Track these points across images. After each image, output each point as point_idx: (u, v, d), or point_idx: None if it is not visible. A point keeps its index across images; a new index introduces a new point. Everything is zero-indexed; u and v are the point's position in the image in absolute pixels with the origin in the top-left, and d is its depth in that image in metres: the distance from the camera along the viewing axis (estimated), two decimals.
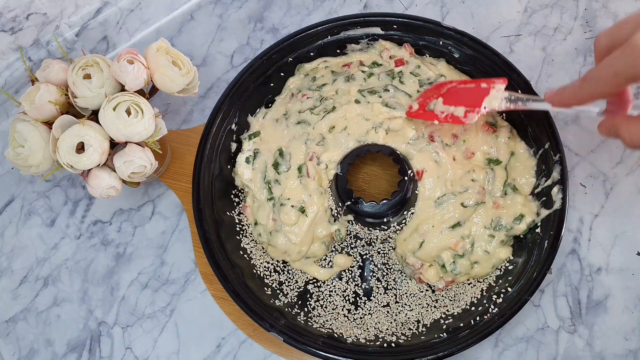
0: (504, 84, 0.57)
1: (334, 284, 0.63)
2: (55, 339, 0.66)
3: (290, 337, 0.57)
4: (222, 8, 0.78)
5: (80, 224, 0.70)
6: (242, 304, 0.58)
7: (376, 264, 0.63)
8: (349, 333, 0.60)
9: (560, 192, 0.58)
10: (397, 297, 0.62)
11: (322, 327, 0.60)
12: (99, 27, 0.72)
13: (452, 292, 0.61)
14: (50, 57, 0.70)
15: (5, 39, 0.67)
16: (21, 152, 0.57)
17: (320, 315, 0.61)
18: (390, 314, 0.61)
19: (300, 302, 0.62)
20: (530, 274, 0.58)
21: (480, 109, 0.56)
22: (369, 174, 0.67)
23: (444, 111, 0.59)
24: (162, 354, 0.64)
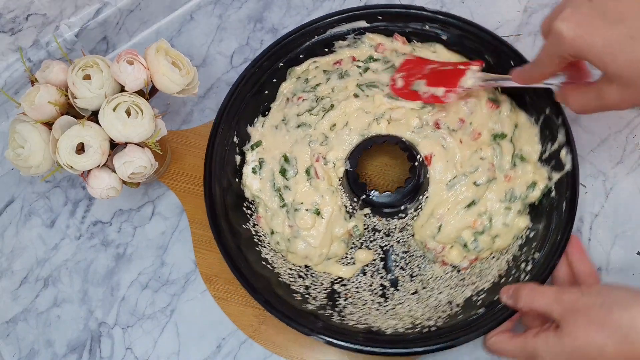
0: (479, 65, 0.61)
1: (359, 280, 0.63)
2: (56, 339, 0.66)
3: (331, 337, 0.56)
4: (221, 8, 0.78)
5: (80, 225, 0.70)
6: (278, 313, 0.57)
7: (397, 253, 0.63)
8: (385, 325, 0.59)
9: (568, 154, 0.59)
10: (423, 282, 0.62)
11: (358, 324, 0.59)
12: (99, 28, 0.72)
13: (478, 268, 0.61)
14: (50, 57, 0.70)
15: (5, 40, 0.67)
16: (21, 153, 0.57)
17: (352, 313, 0.60)
18: (420, 300, 0.61)
19: (330, 302, 0.61)
20: (553, 238, 0.58)
21: (457, 88, 0.60)
22: (379, 165, 0.68)
23: (426, 92, 0.63)
24: (162, 355, 0.64)
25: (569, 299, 0.48)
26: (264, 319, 0.64)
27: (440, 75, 0.63)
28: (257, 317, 0.64)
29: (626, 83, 0.45)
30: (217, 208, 0.61)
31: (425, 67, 0.64)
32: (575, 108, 0.51)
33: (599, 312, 0.45)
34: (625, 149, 0.67)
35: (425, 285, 0.62)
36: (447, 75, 0.62)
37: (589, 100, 0.49)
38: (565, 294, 0.48)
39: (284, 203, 0.63)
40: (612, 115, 0.68)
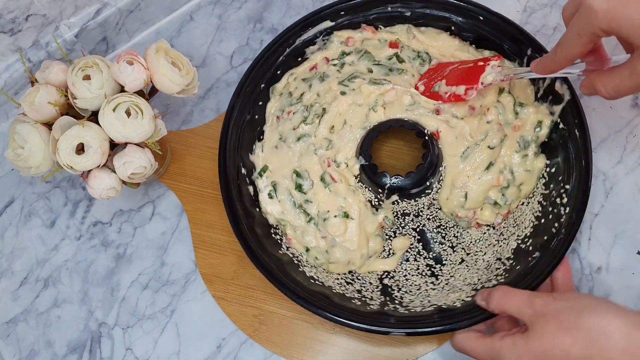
0: (498, 60, 0.61)
1: (405, 268, 0.62)
2: (56, 340, 0.66)
3: (409, 328, 0.56)
4: (221, 9, 0.78)
5: (81, 225, 0.70)
6: (355, 324, 0.56)
7: (431, 230, 0.63)
8: (450, 300, 0.58)
9: (563, 84, 0.61)
10: (465, 249, 0.62)
11: (425, 308, 0.59)
12: (99, 28, 0.72)
13: (512, 219, 0.63)
14: (50, 58, 0.70)
15: (5, 40, 0.67)
16: (21, 154, 0.57)
17: (413, 300, 0.60)
18: (470, 266, 0.61)
19: (387, 297, 0.60)
20: (578, 166, 0.59)
21: (478, 85, 0.61)
22: (390, 150, 0.68)
23: (447, 92, 0.63)
24: (162, 355, 0.64)
25: (539, 302, 0.48)
26: (264, 319, 0.64)
27: (459, 74, 0.63)
28: (257, 317, 0.64)
29: None
30: (253, 246, 0.60)
31: (445, 69, 0.65)
32: (608, 92, 0.48)
33: (568, 316, 0.45)
34: (625, 149, 0.67)
35: (468, 251, 0.63)
36: (466, 73, 0.63)
37: (622, 80, 0.47)
38: (536, 297, 0.48)
39: (310, 217, 0.63)
40: (612, 115, 0.68)
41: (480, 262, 0.62)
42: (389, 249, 0.63)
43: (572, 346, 0.44)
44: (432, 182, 0.63)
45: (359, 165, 0.63)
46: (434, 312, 0.57)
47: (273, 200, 0.64)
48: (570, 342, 0.44)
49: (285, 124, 0.66)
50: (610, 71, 0.48)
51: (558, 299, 0.47)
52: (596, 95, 0.50)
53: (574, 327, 0.45)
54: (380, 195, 0.62)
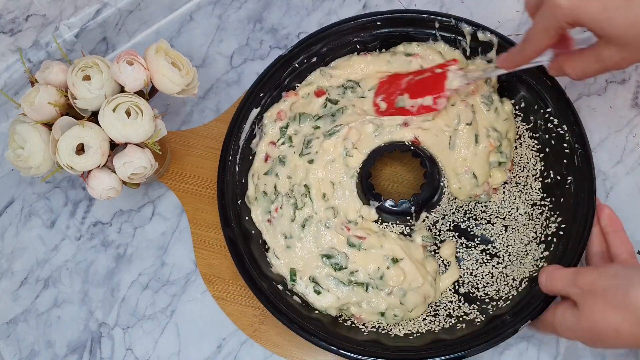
0: (456, 64, 0.62)
1: (465, 268, 0.62)
2: (56, 340, 0.66)
3: (529, 313, 0.55)
4: (221, 9, 0.78)
5: (81, 225, 0.70)
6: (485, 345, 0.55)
7: (462, 220, 0.63)
8: (529, 269, 0.60)
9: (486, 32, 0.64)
10: (500, 216, 0.63)
11: (513, 288, 0.59)
12: (99, 28, 0.72)
13: (518, 167, 0.65)
14: (50, 58, 0.70)
15: (5, 41, 0.67)
16: (21, 154, 0.57)
17: (497, 289, 0.60)
18: (516, 227, 0.62)
19: (475, 303, 0.60)
20: (545, 86, 0.62)
21: (445, 92, 0.61)
22: (389, 177, 0.68)
23: (414, 105, 0.63)
24: (162, 355, 0.64)
25: (585, 280, 0.48)
26: (264, 319, 0.64)
27: (421, 85, 0.63)
28: (257, 317, 0.64)
29: (625, 43, 0.47)
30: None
31: (401, 82, 0.65)
32: (576, 74, 0.52)
33: (616, 294, 0.46)
34: (625, 149, 0.67)
35: (502, 216, 0.63)
36: (428, 83, 0.63)
37: (588, 64, 0.50)
38: (581, 275, 0.49)
39: (365, 285, 0.60)
40: (611, 115, 0.68)
41: (521, 218, 0.63)
42: (442, 261, 0.62)
43: (621, 324, 0.45)
44: (441, 181, 0.63)
45: (374, 209, 0.62)
46: (526, 282, 0.59)
47: (323, 294, 0.60)
48: (619, 321, 0.45)
49: (281, 221, 0.62)
50: (577, 55, 0.51)
51: (605, 275, 0.48)
52: (565, 76, 0.53)
53: (622, 305, 0.45)
54: (410, 222, 0.62)
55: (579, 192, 0.59)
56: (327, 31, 0.66)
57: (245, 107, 0.65)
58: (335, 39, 0.67)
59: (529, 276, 0.59)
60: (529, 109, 0.64)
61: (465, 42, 0.65)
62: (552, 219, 0.61)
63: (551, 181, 0.62)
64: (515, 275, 0.60)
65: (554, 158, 0.63)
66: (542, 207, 0.62)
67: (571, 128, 0.61)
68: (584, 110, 0.68)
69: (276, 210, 0.63)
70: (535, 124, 0.64)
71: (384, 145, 0.63)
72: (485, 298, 0.60)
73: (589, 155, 0.60)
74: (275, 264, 0.62)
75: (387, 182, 0.67)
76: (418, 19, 0.66)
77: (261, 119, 0.66)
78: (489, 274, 0.61)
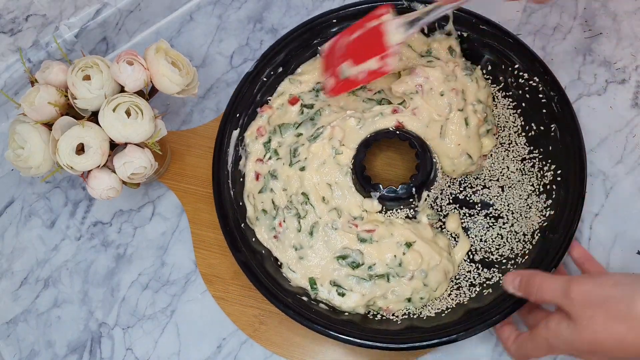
0: (389, 12, 0.55)
1: (475, 235, 0.63)
2: (56, 340, 0.66)
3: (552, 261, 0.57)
4: (221, 9, 0.78)
5: (81, 225, 0.70)
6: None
7: (459, 191, 0.64)
8: (533, 220, 0.61)
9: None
10: (494, 178, 0.64)
11: (529, 242, 0.60)
12: (99, 28, 0.72)
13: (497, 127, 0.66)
14: (50, 58, 0.70)
15: (5, 41, 0.67)
16: (21, 154, 0.57)
17: (511, 248, 0.61)
18: (511, 185, 0.64)
19: (493, 266, 0.61)
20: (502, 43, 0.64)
21: (390, 50, 0.54)
22: (383, 164, 0.68)
23: (360, 71, 0.57)
24: (162, 355, 0.64)
25: (579, 290, 0.46)
26: (264, 319, 0.64)
27: (359, 46, 0.56)
28: (257, 317, 0.64)
29: None
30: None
31: (339, 49, 0.59)
32: None
33: (619, 305, 0.44)
34: (625, 149, 0.67)
35: (496, 178, 0.64)
36: (366, 43, 0.56)
37: None
38: (574, 285, 0.46)
39: (386, 276, 0.59)
40: (611, 115, 0.68)
41: (514, 175, 0.64)
42: (451, 235, 0.63)
43: (626, 336, 0.43)
44: (432, 158, 0.63)
45: (376, 200, 0.62)
46: (539, 234, 0.60)
47: (347, 295, 0.60)
48: (624, 332, 0.44)
49: (287, 234, 0.62)
50: None
51: (602, 284, 0.46)
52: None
53: (626, 315, 0.44)
54: (414, 204, 0.62)
55: (565, 135, 0.61)
56: (285, 40, 0.67)
57: (226, 131, 0.65)
58: (295, 46, 0.67)
59: (539, 227, 0.60)
60: (497, 70, 0.66)
61: None
62: (546, 169, 0.62)
63: (535, 133, 0.64)
64: (525, 230, 0.61)
65: (532, 110, 0.64)
66: (532, 160, 0.64)
67: (542, 78, 0.63)
68: (583, 110, 0.68)
69: (280, 225, 0.63)
70: (506, 83, 0.66)
71: (370, 135, 0.63)
72: (502, 259, 0.61)
73: (566, 99, 0.61)
74: (292, 277, 0.62)
75: (383, 171, 0.68)
76: (370, 10, 0.65)
77: (243, 139, 0.66)
78: (498, 235, 0.62)
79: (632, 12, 0.72)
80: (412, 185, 0.61)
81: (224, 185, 0.63)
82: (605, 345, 0.45)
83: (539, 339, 0.49)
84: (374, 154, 0.68)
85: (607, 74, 0.70)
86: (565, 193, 0.60)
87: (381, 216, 0.62)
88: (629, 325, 0.43)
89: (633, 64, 0.70)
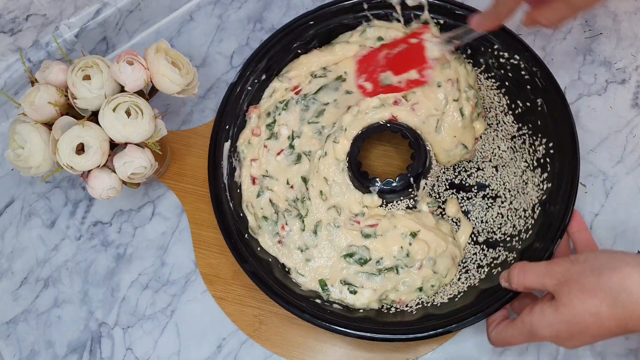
0: (428, 31, 0.63)
1: (475, 217, 0.63)
2: (56, 340, 0.66)
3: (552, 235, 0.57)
4: (221, 8, 0.78)
5: (81, 225, 0.70)
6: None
7: (454, 176, 0.65)
8: (530, 196, 0.61)
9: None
10: (486, 159, 0.65)
11: (530, 217, 0.61)
12: (99, 28, 0.72)
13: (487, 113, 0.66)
14: (50, 58, 0.70)
15: (5, 40, 0.67)
16: (21, 154, 0.57)
17: (514, 224, 0.61)
18: (505, 164, 0.64)
19: (498, 245, 0.61)
20: None
21: (428, 63, 0.61)
22: (379, 157, 0.68)
23: (400, 80, 0.63)
24: (162, 355, 0.64)
25: (559, 269, 0.48)
26: (264, 319, 0.64)
27: (401, 59, 0.63)
28: (257, 317, 0.64)
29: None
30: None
31: (377, 59, 0.65)
32: (550, 21, 0.52)
33: (589, 278, 0.45)
34: (625, 149, 0.67)
35: (488, 159, 0.65)
36: (407, 56, 0.63)
37: (560, 11, 0.50)
38: (555, 265, 0.48)
39: (395, 268, 0.60)
40: (611, 115, 0.68)
41: (506, 154, 0.64)
42: (453, 220, 0.63)
43: (599, 307, 0.44)
44: (426, 146, 0.63)
45: (376, 194, 0.62)
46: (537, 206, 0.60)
47: (359, 292, 0.60)
48: (597, 304, 0.44)
49: (291, 236, 0.62)
50: (547, 5, 0.51)
51: (576, 262, 0.47)
52: (538, 26, 0.53)
53: (596, 288, 0.45)
54: (413, 193, 0.62)
55: (552, 108, 0.61)
56: (266, 46, 0.66)
57: (216, 144, 0.64)
58: (277, 51, 0.67)
59: (539, 201, 0.60)
60: (476, 52, 0.66)
61: (397, 12, 0.66)
62: (537, 143, 0.62)
63: (521, 110, 0.64)
64: (525, 206, 0.61)
65: (516, 88, 0.64)
66: (522, 137, 0.64)
67: (522, 55, 0.63)
68: (583, 110, 0.68)
69: (282, 228, 0.63)
70: (487, 64, 0.66)
71: (362, 131, 0.63)
72: (506, 237, 0.61)
73: (548, 72, 0.61)
74: (302, 282, 0.61)
75: (379, 165, 0.68)
76: (346, 7, 0.66)
77: (235, 150, 0.66)
78: (499, 214, 0.63)
79: (632, 12, 0.72)
80: (409, 175, 0.62)
81: (223, 198, 0.63)
82: (583, 323, 0.45)
83: (519, 324, 0.50)
84: (367, 150, 0.68)
85: (607, 74, 0.70)
86: (560, 164, 0.60)
87: (382, 210, 0.62)
88: (601, 297, 0.44)
89: (633, 64, 0.70)
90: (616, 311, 0.44)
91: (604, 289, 0.44)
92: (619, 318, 0.44)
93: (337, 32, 0.68)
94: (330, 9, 0.67)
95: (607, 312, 0.44)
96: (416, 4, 0.65)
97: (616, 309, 0.44)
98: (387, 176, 0.62)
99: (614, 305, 0.44)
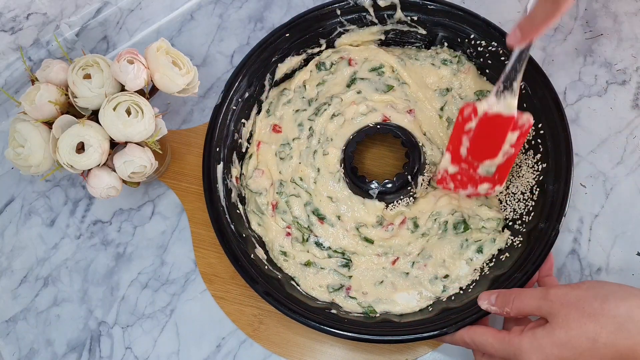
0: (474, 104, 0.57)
1: None
2: (55, 339, 0.66)
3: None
4: (222, 8, 0.78)
5: (80, 224, 0.70)
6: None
7: None
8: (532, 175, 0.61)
9: None
10: None
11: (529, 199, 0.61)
12: (99, 27, 0.72)
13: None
14: (51, 57, 0.70)
15: (6, 39, 0.67)
16: (21, 152, 0.57)
17: (515, 209, 0.61)
18: None
19: None
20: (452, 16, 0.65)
21: (516, 119, 0.55)
22: (375, 158, 0.68)
23: (505, 152, 0.57)
24: (162, 354, 0.64)
25: (558, 292, 0.47)
26: (263, 319, 0.64)
27: (485, 143, 0.58)
28: (256, 317, 0.64)
29: None
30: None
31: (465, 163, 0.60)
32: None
33: (592, 303, 0.45)
34: (625, 150, 0.67)
35: None
36: (488, 135, 0.57)
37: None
38: (552, 289, 0.48)
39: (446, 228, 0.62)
40: (612, 116, 0.68)
41: None
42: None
43: (598, 333, 0.44)
44: (418, 142, 0.64)
45: (376, 200, 0.63)
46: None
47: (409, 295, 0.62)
48: (596, 329, 0.44)
49: (294, 246, 0.64)
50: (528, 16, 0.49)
51: (577, 288, 0.47)
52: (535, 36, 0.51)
53: (599, 314, 0.44)
54: (412, 190, 0.63)
55: (536, 89, 0.61)
56: (245, 65, 0.65)
57: (210, 167, 0.63)
58: (256, 68, 0.66)
59: (536, 182, 0.61)
60: (453, 44, 0.67)
61: (371, 14, 0.66)
62: None
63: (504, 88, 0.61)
64: (522, 189, 0.62)
65: (497, 75, 0.61)
66: None
67: (500, 41, 0.63)
68: (584, 111, 0.68)
69: (287, 234, 0.64)
70: (466, 54, 0.67)
71: (352, 136, 0.64)
72: (507, 222, 0.62)
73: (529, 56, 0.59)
74: (317, 295, 0.62)
75: (375, 167, 0.68)
76: (319, 15, 0.66)
77: (229, 171, 0.65)
78: (497, 201, 0.63)
79: (632, 13, 0.72)
80: (407, 173, 0.62)
81: (223, 221, 0.61)
82: (578, 347, 0.45)
83: (506, 341, 0.49)
84: (360, 154, 0.68)
85: (608, 75, 0.70)
86: (553, 143, 0.60)
87: (389, 212, 0.63)
88: (602, 323, 0.44)
89: (634, 65, 0.70)
90: (618, 339, 0.44)
91: (609, 315, 0.44)
92: (620, 347, 0.44)
93: (312, 42, 0.68)
94: (304, 18, 0.66)
95: (606, 339, 0.44)
96: (388, 4, 0.65)
97: (618, 335, 0.44)
98: (385, 177, 0.63)
99: (616, 332, 0.44)
